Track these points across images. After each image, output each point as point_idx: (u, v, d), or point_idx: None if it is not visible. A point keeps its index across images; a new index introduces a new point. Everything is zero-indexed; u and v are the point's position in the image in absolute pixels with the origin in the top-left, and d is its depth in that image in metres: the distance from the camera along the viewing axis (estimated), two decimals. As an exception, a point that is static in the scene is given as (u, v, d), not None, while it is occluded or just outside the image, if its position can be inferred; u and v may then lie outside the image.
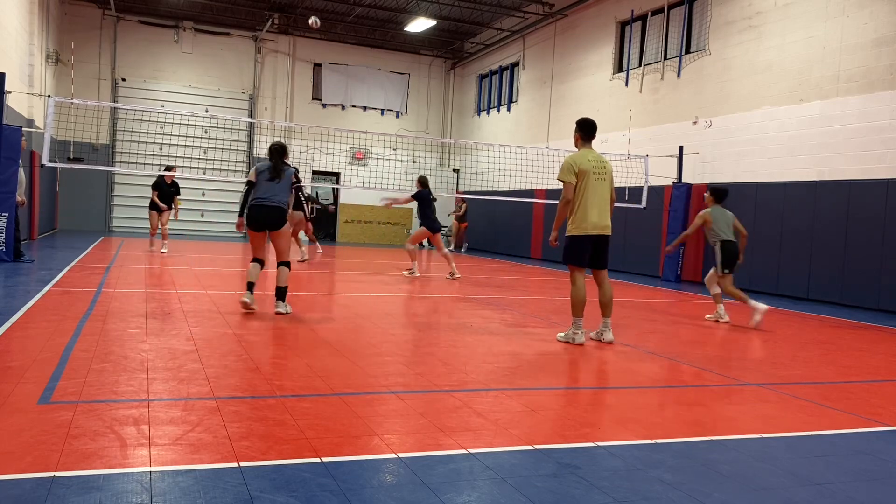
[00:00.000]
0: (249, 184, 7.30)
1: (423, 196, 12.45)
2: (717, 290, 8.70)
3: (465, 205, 22.30)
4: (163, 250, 14.29)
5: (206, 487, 2.71)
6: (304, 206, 9.51)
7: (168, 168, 14.60)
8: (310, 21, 14.87)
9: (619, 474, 3.13)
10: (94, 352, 4.96)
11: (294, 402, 3.98)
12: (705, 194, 9.03)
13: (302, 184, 7.96)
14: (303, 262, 13.66)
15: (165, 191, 14.25)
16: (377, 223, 25.02)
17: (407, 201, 12.99)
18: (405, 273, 12.67)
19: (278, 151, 7.38)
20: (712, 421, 4.17)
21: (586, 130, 6.54)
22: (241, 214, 7.45)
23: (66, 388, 3.98)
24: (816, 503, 2.96)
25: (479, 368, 5.22)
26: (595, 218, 6.34)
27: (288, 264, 7.44)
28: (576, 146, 6.60)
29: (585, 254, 6.41)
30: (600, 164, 6.41)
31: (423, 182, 12.72)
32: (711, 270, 8.80)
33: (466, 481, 2.96)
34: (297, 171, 7.75)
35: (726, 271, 8.54)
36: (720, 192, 8.92)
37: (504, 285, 11.82)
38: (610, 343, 6.50)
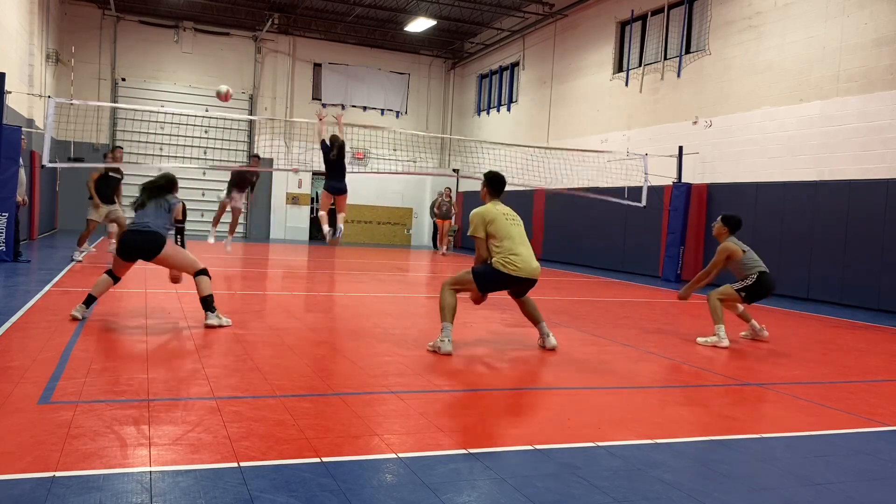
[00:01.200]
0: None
1: (324, 149, 11.05)
2: (742, 307, 7.48)
3: (448, 200, 19.99)
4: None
5: (206, 487, 2.72)
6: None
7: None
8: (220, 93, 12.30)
9: (619, 474, 3.13)
10: (94, 352, 4.96)
11: (294, 402, 3.98)
12: (715, 224, 7.48)
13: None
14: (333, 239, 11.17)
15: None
16: (377, 223, 25.01)
17: (321, 131, 11.40)
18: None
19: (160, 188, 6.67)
20: (712, 421, 4.17)
21: (495, 185, 6.29)
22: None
23: (66, 388, 3.98)
24: (816, 503, 2.96)
25: (480, 368, 5.22)
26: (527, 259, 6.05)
27: (205, 271, 6.53)
28: (483, 200, 6.31)
29: (500, 287, 6.11)
30: (511, 213, 6.23)
31: (332, 139, 11.15)
32: (726, 287, 7.33)
33: (466, 481, 2.96)
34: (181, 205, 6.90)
35: (742, 294, 7.14)
36: (735, 222, 7.41)
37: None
38: (554, 348, 6.10)
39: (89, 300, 6.29)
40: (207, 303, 6.34)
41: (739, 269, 7.25)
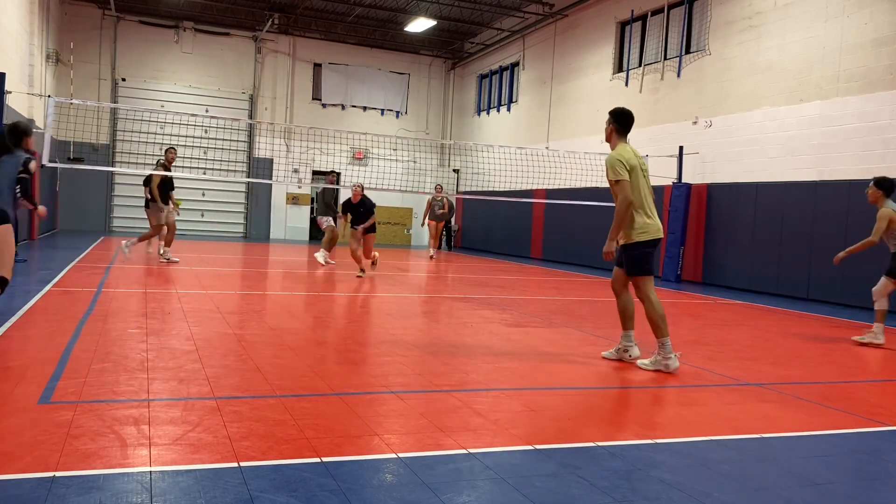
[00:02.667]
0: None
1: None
2: (885, 305, 7.42)
3: (441, 199, 18.06)
4: (149, 250, 14.31)
5: (206, 487, 2.72)
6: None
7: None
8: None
9: (619, 474, 3.13)
10: (94, 352, 4.96)
11: (294, 402, 3.98)
12: (869, 190, 7.50)
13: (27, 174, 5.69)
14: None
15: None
16: (377, 223, 24.98)
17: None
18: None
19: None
20: (712, 421, 4.17)
21: (623, 122, 5.84)
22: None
23: (66, 388, 3.98)
24: (816, 503, 2.96)
25: (479, 368, 5.22)
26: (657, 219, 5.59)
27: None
28: (609, 140, 5.81)
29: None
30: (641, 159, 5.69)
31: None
32: (883, 280, 7.48)
33: (466, 481, 2.96)
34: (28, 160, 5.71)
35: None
36: (889, 183, 7.44)
37: (504, 285, 11.82)
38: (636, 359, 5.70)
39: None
40: None
41: (892, 238, 7.27)
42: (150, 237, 12.48)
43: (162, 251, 12.33)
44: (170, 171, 12.36)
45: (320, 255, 13.65)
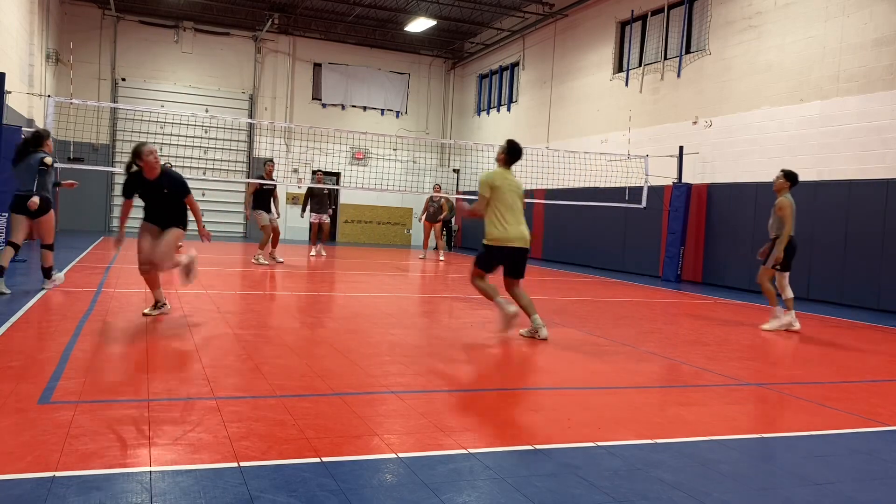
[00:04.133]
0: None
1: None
2: (791, 293, 8.00)
3: (438, 200, 17.86)
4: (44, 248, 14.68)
5: (206, 487, 2.72)
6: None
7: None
8: None
9: (619, 474, 3.13)
10: (94, 352, 4.96)
11: (294, 402, 3.98)
12: (778, 179, 8.07)
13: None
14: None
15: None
16: (377, 223, 25.02)
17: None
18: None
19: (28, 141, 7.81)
20: (712, 421, 4.17)
21: (512, 155, 6.69)
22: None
23: (66, 388, 3.98)
24: (816, 503, 2.96)
25: (480, 368, 5.22)
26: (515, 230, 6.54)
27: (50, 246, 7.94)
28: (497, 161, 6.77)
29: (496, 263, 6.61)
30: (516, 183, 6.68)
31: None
32: (778, 274, 8.01)
33: (466, 481, 2.96)
34: (43, 156, 7.68)
35: (776, 267, 7.93)
36: (795, 176, 8.09)
37: (504, 285, 11.80)
38: (545, 339, 6.46)
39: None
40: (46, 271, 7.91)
41: (778, 226, 7.94)
42: (265, 242, 13.32)
43: (257, 256, 13.31)
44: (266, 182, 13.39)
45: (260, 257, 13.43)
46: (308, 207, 15.78)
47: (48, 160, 7.63)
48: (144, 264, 6.65)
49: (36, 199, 7.38)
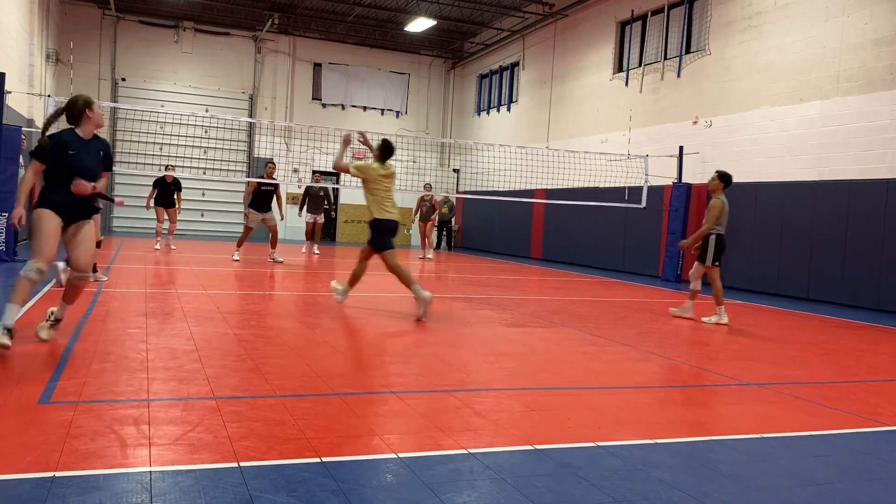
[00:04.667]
0: None
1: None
2: (699, 287, 8.84)
3: (430, 199, 17.73)
4: (172, 246, 15.34)
5: (206, 487, 2.72)
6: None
7: (166, 168, 15.46)
8: None
9: (619, 474, 3.13)
10: (94, 352, 4.96)
11: (294, 402, 3.98)
12: (712, 180, 8.67)
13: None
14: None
15: (166, 189, 15.08)
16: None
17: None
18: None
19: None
20: (712, 421, 4.17)
21: (385, 152, 7.84)
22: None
23: (66, 388, 3.98)
24: (816, 503, 2.96)
25: (479, 368, 5.22)
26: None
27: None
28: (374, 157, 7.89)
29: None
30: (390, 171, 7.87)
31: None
32: (696, 264, 8.76)
33: (466, 481, 2.96)
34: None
35: (717, 263, 8.57)
36: (729, 178, 8.69)
37: (504, 285, 11.82)
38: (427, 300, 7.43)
39: None
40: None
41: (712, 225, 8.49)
42: (242, 241, 13.94)
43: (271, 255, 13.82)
44: (266, 182, 13.80)
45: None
46: (305, 207, 16.30)
47: None
48: (82, 272, 5.34)
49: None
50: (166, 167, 15.55)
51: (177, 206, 15.23)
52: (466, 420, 3.83)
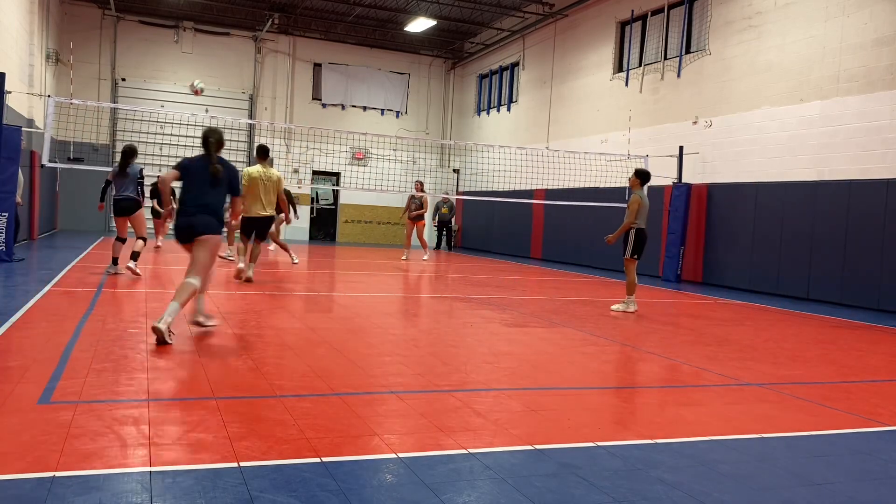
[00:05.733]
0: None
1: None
2: (634, 279, 9.29)
3: (420, 197, 16.96)
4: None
5: (206, 487, 2.72)
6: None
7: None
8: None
9: (619, 474, 3.13)
10: (94, 352, 4.96)
11: (294, 402, 3.98)
12: (630, 177, 9.27)
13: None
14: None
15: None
16: (377, 223, 25.02)
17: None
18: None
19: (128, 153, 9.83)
20: (712, 421, 4.17)
21: (262, 154, 9.94)
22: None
23: (66, 388, 3.98)
24: (816, 503, 2.96)
25: (479, 368, 5.22)
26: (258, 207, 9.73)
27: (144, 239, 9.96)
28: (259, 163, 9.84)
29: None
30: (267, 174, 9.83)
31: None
32: (626, 259, 9.29)
33: (466, 481, 2.96)
34: (141, 169, 9.99)
35: (636, 256, 9.16)
36: (647, 175, 9.28)
37: (504, 285, 11.82)
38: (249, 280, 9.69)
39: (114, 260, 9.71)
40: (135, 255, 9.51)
41: (633, 218, 9.03)
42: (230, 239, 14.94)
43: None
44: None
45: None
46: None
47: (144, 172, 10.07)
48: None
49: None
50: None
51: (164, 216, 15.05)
52: (466, 420, 3.83)
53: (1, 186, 10.64)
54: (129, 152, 9.82)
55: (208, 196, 5.80)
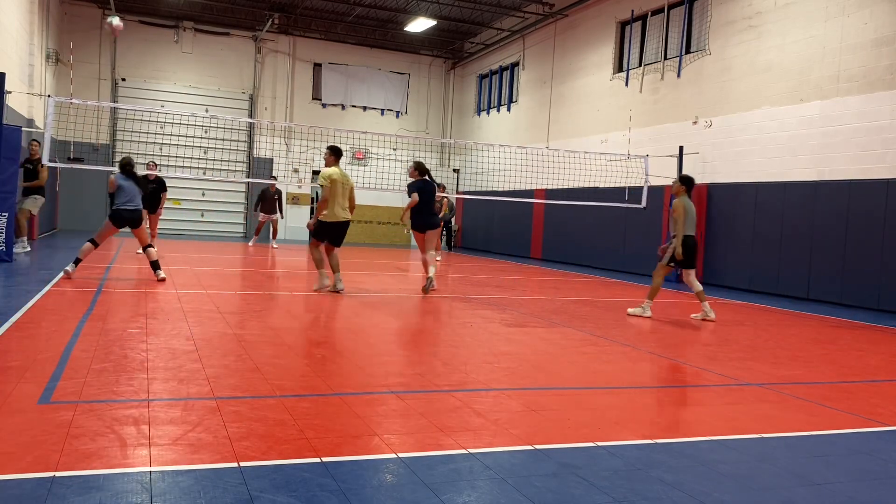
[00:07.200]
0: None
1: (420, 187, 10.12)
2: (700, 287, 8.84)
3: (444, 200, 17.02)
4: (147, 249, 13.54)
5: (206, 487, 2.72)
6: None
7: (147, 166, 14.02)
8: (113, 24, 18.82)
9: (619, 474, 3.13)
10: (94, 352, 4.96)
11: (294, 402, 3.98)
12: (675, 183, 8.93)
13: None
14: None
15: (150, 190, 13.10)
16: (377, 223, 25.02)
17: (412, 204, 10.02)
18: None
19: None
20: (712, 421, 4.17)
21: (336, 154, 9.27)
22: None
23: (66, 388, 3.98)
24: (816, 503, 2.96)
25: (479, 368, 5.22)
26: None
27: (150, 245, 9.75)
28: (327, 165, 9.21)
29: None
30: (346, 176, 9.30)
31: (420, 169, 10.28)
32: (684, 271, 8.84)
33: (466, 481, 2.96)
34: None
35: (672, 264, 8.74)
36: (691, 181, 8.91)
37: (504, 285, 11.82)
38: (340, 292, 9.18)
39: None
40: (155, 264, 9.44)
41: (676, 227, 8.56)
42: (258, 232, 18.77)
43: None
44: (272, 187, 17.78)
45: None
46: (258, 208, 18.04)
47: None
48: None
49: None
50: (147, 165, 14.06)
51: (159, 209, 13.91)
52: (466, 420, 3.83)
53: (1, 186, 10.64)
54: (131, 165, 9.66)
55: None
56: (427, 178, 10.31)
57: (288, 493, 2.71)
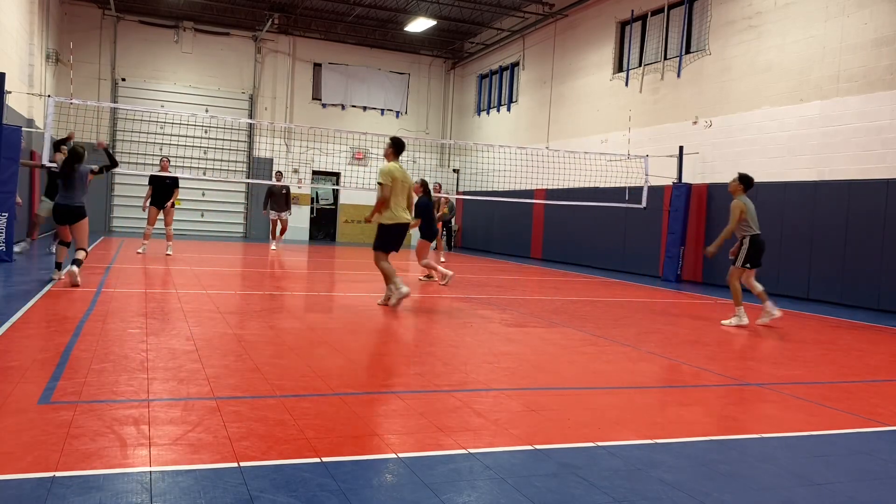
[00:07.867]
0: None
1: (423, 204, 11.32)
2: (760, 287, 8.60)
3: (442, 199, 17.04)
4: (168, 252, 13.67)
5: (206, 487, 2.72)
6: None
7: (161, 161, 14.16)
8: None
9: (619, 474, 3.13)
10: (94, 352, 4.96)
11: (294, 402, 3.98)
12: (732, 182, 8.58)
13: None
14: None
15: (163, 187, 13.67)
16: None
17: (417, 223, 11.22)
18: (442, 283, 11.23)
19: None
20: (712, 421, 4.17)
21: (398, 148, 8.30)
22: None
23: (66, 388, 3.98)
24: (816, 503, 2.96)
25: (479, 368, 5.22)
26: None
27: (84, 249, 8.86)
28: (388, 160, 8.29)
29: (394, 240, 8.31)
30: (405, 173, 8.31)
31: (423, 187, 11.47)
32: (733, 268, 8.55)
33: (466, 481, 2.96)
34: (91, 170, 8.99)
35: (747, 266, 8.44)
36: (749, 180, 8.57)
37: (504, 285, 11.82)
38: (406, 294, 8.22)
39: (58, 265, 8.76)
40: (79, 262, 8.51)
41: (740, 227, 8.31)
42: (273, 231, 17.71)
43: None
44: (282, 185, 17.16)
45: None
46: (268, 206, 17.30)
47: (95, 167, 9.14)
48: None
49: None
50: (161, 161, 14.10)
51: (171, 203, 13.78)
52: (466, 420, 3.83)
53: (1, 186, 10.64)
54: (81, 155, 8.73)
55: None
56: (426, 193, 11.62)
57: (288, 493, 2.71)
